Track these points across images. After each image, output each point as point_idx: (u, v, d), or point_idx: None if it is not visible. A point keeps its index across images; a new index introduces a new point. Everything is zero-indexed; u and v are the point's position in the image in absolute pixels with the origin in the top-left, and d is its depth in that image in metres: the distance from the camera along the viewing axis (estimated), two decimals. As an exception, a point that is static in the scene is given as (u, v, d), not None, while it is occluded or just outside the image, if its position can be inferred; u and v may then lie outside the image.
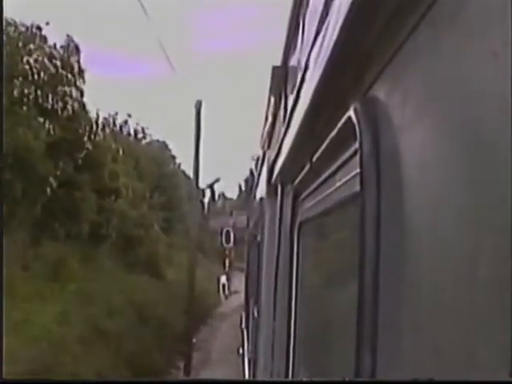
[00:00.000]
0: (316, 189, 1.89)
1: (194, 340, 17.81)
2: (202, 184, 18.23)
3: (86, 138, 15.04)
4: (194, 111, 16.58)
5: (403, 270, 0.84)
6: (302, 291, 2.33)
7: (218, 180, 17.95)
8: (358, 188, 1.02)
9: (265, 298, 3.82)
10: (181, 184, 29.44)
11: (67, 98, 14.43)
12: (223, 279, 27.89)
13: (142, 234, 20.94)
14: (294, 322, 2.39)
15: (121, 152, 18.77)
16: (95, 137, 15.35)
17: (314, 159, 1.75)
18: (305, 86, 1.67)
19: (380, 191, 0.96)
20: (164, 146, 31.40)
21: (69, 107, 14.40)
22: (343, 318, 1.32)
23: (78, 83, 15.27)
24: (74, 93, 14.82)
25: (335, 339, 1.61)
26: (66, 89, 14.44)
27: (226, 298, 27.89)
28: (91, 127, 15.30)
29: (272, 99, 4.32)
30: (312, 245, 2.26)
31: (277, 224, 3.07)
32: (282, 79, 3.65)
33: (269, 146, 4.60)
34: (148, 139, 29.00)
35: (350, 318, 1.00)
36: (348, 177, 1.30)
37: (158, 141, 30.70)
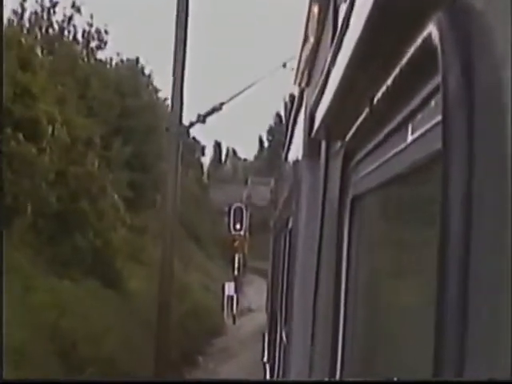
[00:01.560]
0: (378, 146, 2.02)
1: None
2: (190, 116, 14.90)
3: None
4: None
5: (502, 271, 0.90)
6: (357, 302, 2.45)
7: (220, 107, 14.12)
8: (439, 145, 1.11)
9: (299, 315, 4.07)
10: (162, 127, 26.11)
11: None
12: (230, 288, 26.41)
13: (86, 208, 18.43)
14: (341, 350, 2.50)
15: (39, 53, 15.19)
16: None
17: (376, 101, 1.85)
18: None
19: (472, 150, 1.01)
20: (136, 66, 28.02)
21: None
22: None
23: None
24: None
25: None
26: None
27: (234, 320, 25.96)
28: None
29: (315, 10, 4.37)
30: (371, 231, 2.42)
31: (320, 200, 3.30)
32: None
33: (308, 83, 4.83)
34: (108, 53, 25.98)
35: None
36: (427, 127, 1.39)
37: (127, 60, 27.38)
